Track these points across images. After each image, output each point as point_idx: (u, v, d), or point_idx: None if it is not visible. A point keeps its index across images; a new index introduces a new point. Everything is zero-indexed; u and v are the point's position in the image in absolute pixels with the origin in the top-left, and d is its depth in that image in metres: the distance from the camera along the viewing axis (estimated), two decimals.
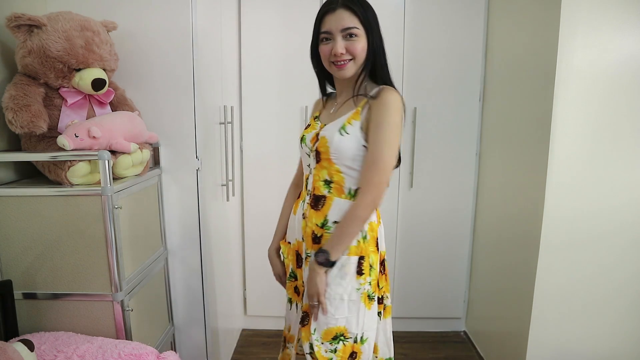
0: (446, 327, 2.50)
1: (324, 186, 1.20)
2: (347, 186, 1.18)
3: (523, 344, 1.72)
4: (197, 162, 1.59)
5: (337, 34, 1.12)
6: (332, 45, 1.14)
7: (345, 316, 1.17)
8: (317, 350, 1.17)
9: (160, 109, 1.55)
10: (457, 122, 2.27)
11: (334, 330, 1.18)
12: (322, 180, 1.20)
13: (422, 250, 2.39)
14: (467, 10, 2.17)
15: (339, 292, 1.16)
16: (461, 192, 2.33)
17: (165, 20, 1.49)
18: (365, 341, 1.21)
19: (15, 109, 1.18)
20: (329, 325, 1.17)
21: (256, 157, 2.30)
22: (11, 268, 1.24)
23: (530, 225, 1.69)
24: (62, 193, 1.21)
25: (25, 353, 1.01)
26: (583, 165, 1.57)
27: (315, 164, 1.21)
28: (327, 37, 1.15)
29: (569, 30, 1.49)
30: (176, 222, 1.63)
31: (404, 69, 2.20)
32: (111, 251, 1.23)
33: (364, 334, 1.21)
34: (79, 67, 1.28)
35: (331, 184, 1.19)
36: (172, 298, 1.68)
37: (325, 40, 1.15)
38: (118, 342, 1.19)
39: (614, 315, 1.69)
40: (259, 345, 2.34)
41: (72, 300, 1.26)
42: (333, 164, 1.17)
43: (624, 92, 1.54)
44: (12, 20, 1.18)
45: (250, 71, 2.23)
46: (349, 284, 1.16)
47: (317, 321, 1.18)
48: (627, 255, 1.64)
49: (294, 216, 1.30)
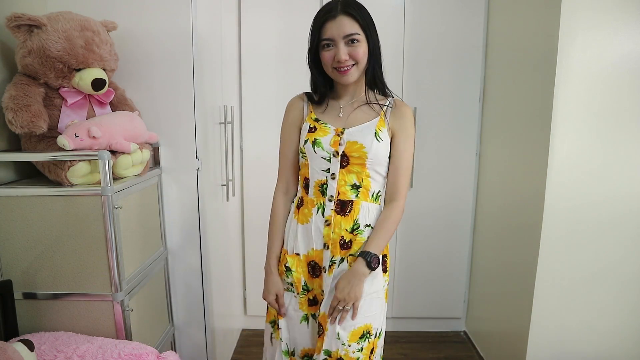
0: (446, 327, 2.50)
1: (351, 190, 1.19)
2: (373, 190, 1.21)
3: (523, 344, 1.72)
4: (197, 162, 1.59)
5: (339, 41, 1.13)
6: (334, 51, 1.14)
7: (374, 313, 1.22)
8: (344, 353, 1.18)
9: (160, 109, 1.55)
10: (457, 122, 2.27)
11: (362, 329, 1.20)
12: (349, 184, 1.19)
13: (422, 250, 2.39)
14: (467, 10, 2.17)
15: (372, 290, 1.20)
16: (461, 192, 2.33)
17: (165, 20, 1.49)
18: (381, 335, 1.27)
19: (15, 109, 1.18)
20: (357, 326, 1.19)
21: (256, 157, 2.30)
22: (11, 268, 1.24)
23: (530, 226, 1.69)
24: (62, 193, 1.21)
25: (25, 353, 1.01)
26: (583, 165, 1.57)
27: (340, 168, 1.19)
28: (329, 44, 1.15)
29: (569, 30, 1.49)
30: (176, 222, 1.63)
31: (404, 69, 2.20)
32: (111, 251, 1.23)
33: (382, 328, 1.27)
34: (79, 67, 1.28)
35: (359, 188, 1.20)
36: (172, 298, 1.68)
37: (327, 47, 1.16)
38: (118, 342, 1.19)
39: (615, 316, 1.68)
40: (259, 345, 2.34)
41: (72, 300, 1.26)
42: (365, 168, 1.19)
43: (626, 88, 1.53)
44: (12, 20, 1.18)
45: (250, 71, 2.23)
46: (379, 282, 1.22)
47: (343, 324, 1.17)
48: (628, 256, 1.64)
49: (304, 225, 1.23)
